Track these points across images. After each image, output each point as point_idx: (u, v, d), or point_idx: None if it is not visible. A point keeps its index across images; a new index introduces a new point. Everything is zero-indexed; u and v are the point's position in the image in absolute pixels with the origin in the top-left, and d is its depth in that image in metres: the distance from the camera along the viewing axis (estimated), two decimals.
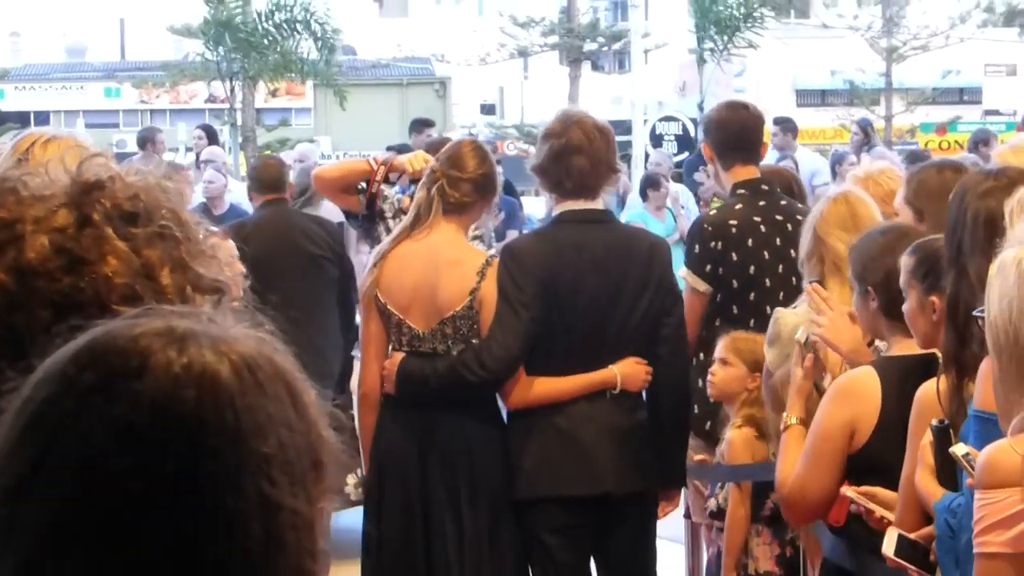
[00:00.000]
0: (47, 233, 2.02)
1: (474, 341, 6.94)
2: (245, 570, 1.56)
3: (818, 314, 5.81)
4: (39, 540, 1.55)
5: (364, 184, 7.85)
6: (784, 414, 5.86)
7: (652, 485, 7.21)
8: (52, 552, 1.55)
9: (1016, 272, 4.04)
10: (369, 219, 7.92)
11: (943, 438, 4.71)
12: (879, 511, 5.11)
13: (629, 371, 7.00)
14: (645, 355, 7.06)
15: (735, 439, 7.05)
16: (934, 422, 4.75)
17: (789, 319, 6.38)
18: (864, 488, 5.17)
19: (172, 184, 2.15)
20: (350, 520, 9.18)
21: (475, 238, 7.80)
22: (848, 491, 5.19)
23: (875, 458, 5.34)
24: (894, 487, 5.06)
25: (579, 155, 7.00)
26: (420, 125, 15.47)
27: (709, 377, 7.34)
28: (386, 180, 7.72)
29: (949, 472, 4.71)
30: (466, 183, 7.11)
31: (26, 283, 1.98)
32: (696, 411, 7.61)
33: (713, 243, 7.78)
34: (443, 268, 6.99)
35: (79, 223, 2.04)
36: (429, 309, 7.01)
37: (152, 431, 1.55)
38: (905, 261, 5.18)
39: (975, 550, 4.13)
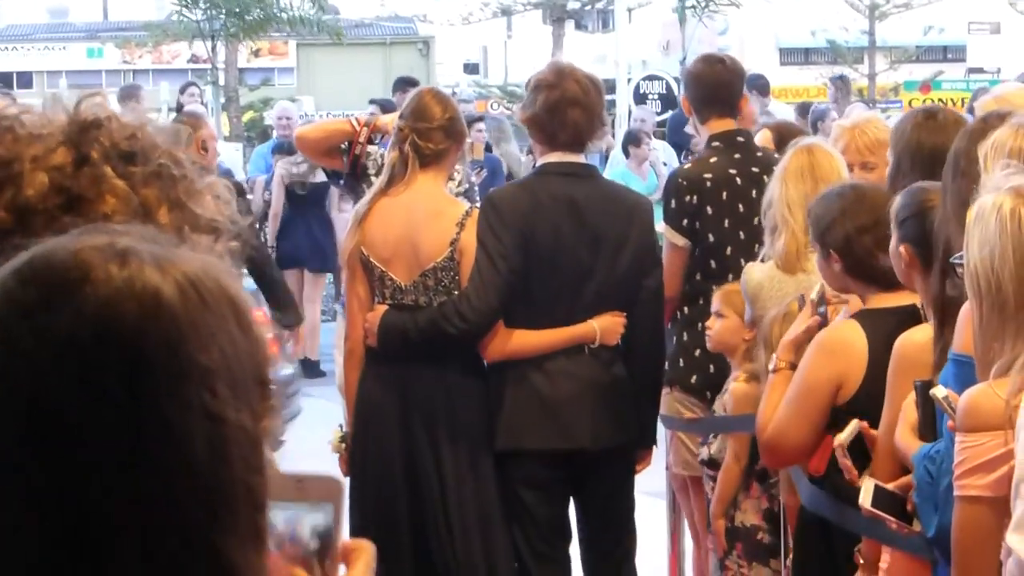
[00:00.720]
0: (46, 171, 2.02)
1: (455, 292, 6.95)
2: (188, 481, 1.57)
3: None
4: None
5: (347, 145, 7.88)
6: (774, 355, 5.89)
7: (629, 440, 7.25)
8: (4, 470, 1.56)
9: (996, 219, 4.04)
10: (353, 177, 7.94)
11: (927, 396, 4.69)
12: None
13: (607, 325, 7.03)
14: (622, 311, 7.10)
15: (736, 392, 7.04)
16: (917, 381, 4.76)
17: (754, 274, 6.41)
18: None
19: (166, 125, 2.16)
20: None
21: (460, 195, 7.83)
22: (838, 447, 5.19)
23: (863, 409, 5.35)
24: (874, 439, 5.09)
25: (575, 107, 7.04)
26: (404, 84, 15.45)
27: (707, 331, 7.33)
28: (369, 141, 7.75)
29: (931, 430, 4.72)
30: (436, 131, 7.17)
31: (25, 221, 1.99)
32: (682, 365, 7.66)
33: (688, 197, 7.80)
34: (424, 220, 7.03)
35: (77, 162, 2.05)
36: (411, 261, 7.03)
37: (92, 343, 1.56)
38: (894, 205, 5.19)
39: (956, 493, 4.15)
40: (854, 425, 5.09)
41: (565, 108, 6.99)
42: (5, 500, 1.55)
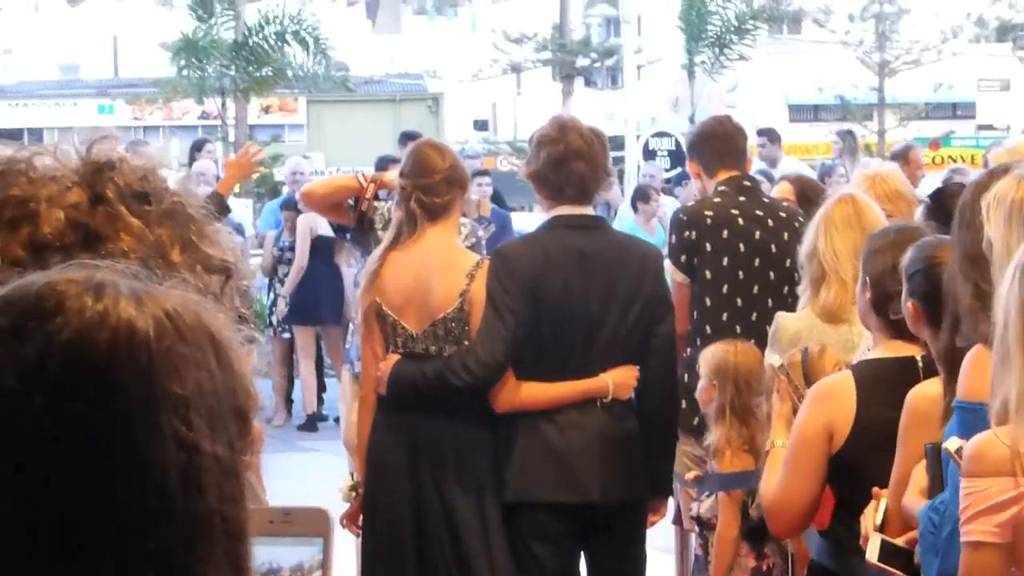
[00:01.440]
0: (62, 209, 2.02)
1: (465, 343, 6.98)
2: (163, 510, 1.56)
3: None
4: None
5: (354, 201, 7.95)
6: (769, 439, 5.90)
7: (639, 495, 7.23)
8: None
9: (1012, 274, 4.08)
10: (360, 231, 7.99)
11: (937, 458, 4.69)
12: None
13: (620, 379, 7.03)
14: (635, 363, 7.08)
15: (721, 457, 7.13)
16: (928, 444, 4.76)
17: (789, 324, 6.41)
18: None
19: (173, 171, 2.17)
20: None
21: (470, 247, 7.86)
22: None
23: (851, 461, 5.36)
24: (869, 489, 5.07)
25: (579, 160, 7.08)
26: (408, 139, 15.56)
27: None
28: (375, 196, 7.78)
29: (941, 491, 4.73)
30: (439, 184, 7.21)
31: (43, 258, 1.97)
32: (684, 407, 7.68)
33: (687, 232, 7.93)
34: (435, 271, 7.08)
35: (92, 200, 2.04)
36: (422, 310, 7.09)
37: (62, 370, 1.56)
38: (904, 259, 5.20)
39: (962, 539, 4.15)
40: (876, 539, 5.07)
41: (569, 161, 7.05)
42: None
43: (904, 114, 44.58)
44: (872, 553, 5.03)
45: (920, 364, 5.19)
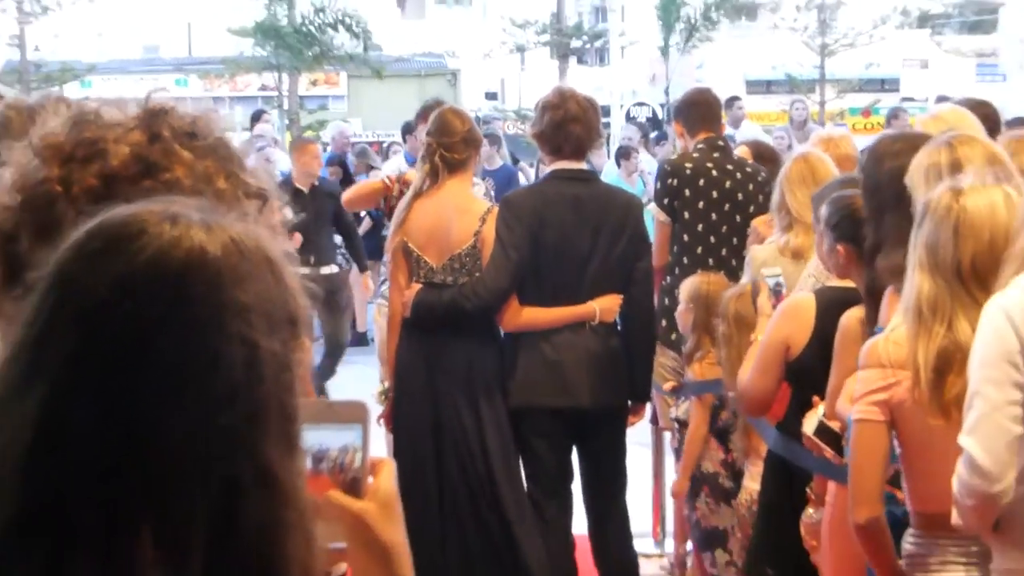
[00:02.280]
0: (127, 145, 2.05)
1: (476, 274, 7.06)
2: (229, 397, 1.58)
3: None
4: (57, 379, 1.57)
5: (383, 199, 8.17)
6: (753, 333, 5.95)
7: (622, 401, 7.30)
8: (67, 388, 1.57)
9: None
10: (387, 215, 8.13)
11: None
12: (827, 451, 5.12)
13: (606, 305, 7.11)
14: (619, 292, 7.12)
15: (695, 369, 7.18)
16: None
17: (759, 254, 6.46)
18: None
19: (219, 117, 2.19)
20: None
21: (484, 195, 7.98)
22: (807, 440, 5.19)
23: (806, 367, 5.38)
24: (819, 389, 5.08)
25: (576, 123, 7.17)
26: (425, 110, 15.16)
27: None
28: (400, 193, 7.84)
29: None
30: (459, 143, 7.31)
31: (112, 186, 2.00)
32: (664, 324, 7.76)
33: (670, 180, 8.09)
34: (454, 215, 7.18)
35: (151, 139, 2.07)
36: (442, 247, 7.18)
37: (145, 282, 1.59)
38: (822, 211, 5.20)
39: (852, 417, 4.20)
40: (815, 418, 5.08)
41: (568, 124, 7.12)
42: (66, 418, 1.55)
43: (841, 88, 44.39)
44: (809, 427, 5.06)
45: (862, 294, 5.20)
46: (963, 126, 5.35)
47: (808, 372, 5.32)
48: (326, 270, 12.49)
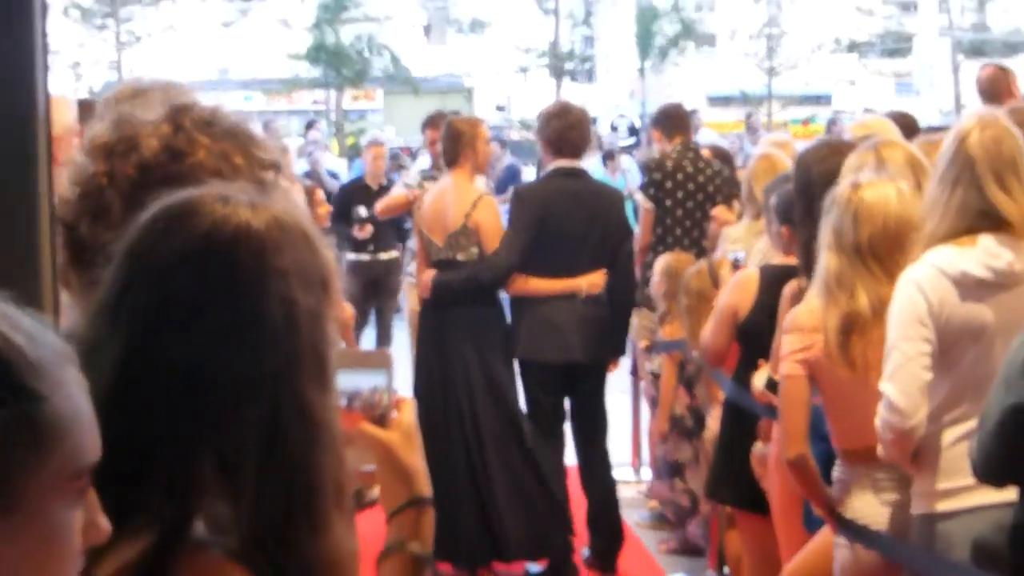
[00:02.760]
0: (156, 138, 2.06)
1: (473, 249, 7.20)
2: (272, 344, 1.62)
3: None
4: (134, 329, 1.61)
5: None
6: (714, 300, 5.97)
7: (606, 356, 7.33)
8: (142, 336, 1.61)
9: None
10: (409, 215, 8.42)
11: None
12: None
13: (592, 281, 7.13)
14: (606, 268, 7.18)
15: (665, 330, 7.20)
16: None
17: (731, 232, 6.47)
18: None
19: (237, 115, 2.21)
20: None
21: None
22: (755, 391, 5.19)
23: (751, 331, 5.39)
24: (762, 347, 5.07)
25: (574, 130, 7.27)
26: (431, 120, 14.10)
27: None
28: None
29: None
30: (457, 140, 7.44)
31: (146, 173, 2.02)
32: (646, 293, 7.84)
33: (655, 174, 8.20)
34: (451, 202, 7.34)
35: (175, 130, 2.08)
36: (443, 228, 7.34)
37: (201, 251, 1.63)
38: (771, 200, 5.23)
39: (780, 373, 4.24)
40: (764, 373, 5.07)
41: (568, 130, 7.17)
42: (141, 361, 1.59)
43: (784, 102, 44.46)
44: (759, 382, 5.05)
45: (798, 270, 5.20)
46: (884, 132, 5.36)
47: (753, 333, 5.34)
48: (385, 256, 12.37)
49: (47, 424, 1.19)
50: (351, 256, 12.19)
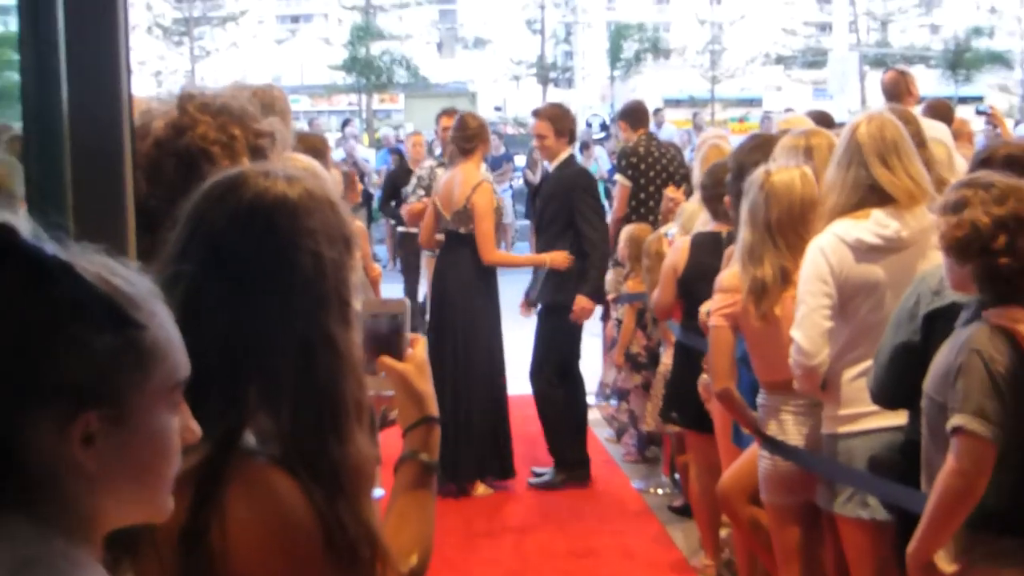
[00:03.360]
0: (164, 121, 2.11)
1: (471, 225, 7.04)
2: (303, 288, 1.63)
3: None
4: (193, 278, 1.62)
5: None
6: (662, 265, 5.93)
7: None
8: (200, 284, 1.62)
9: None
10: None
11: None
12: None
13: (556, 258, 7.10)
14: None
15: (628, 285, 7.17)
16: None
17: (688, 207, 6.32)
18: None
19: (244, 100, 2.22)
20: None
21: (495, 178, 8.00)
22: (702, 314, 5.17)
23: (687, 286, 5.41)
24: (697, 299, 5.05)
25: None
26: (444, 113, 13.25)
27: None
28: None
29: None
30: (470, 135, 7.18)
31: (159, 148, 2.06)
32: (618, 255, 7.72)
33: (632, 158, 8.07)
34: (458, 184, 7.15)
35: (180, 112, 2.14)
36: (450, 205, 7.13)
37: (246, 216, 1.64)
38: (703, 179, 5.24)
39: (710, 324, 4.27)
40: (706, 307, 5.07)
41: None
42: (199, 305, 1.60)
43: (725, 105, 44.37)
44: (702, 311, 5.04)
45: (724, 235, 5.19)
46: (803, 125, 5.32)
47: (688, 285, 5.39)
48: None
49: (148, 347, 1.19)
50: (400, 229, 12.05)
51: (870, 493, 3.90)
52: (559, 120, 7.23)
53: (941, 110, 7.40)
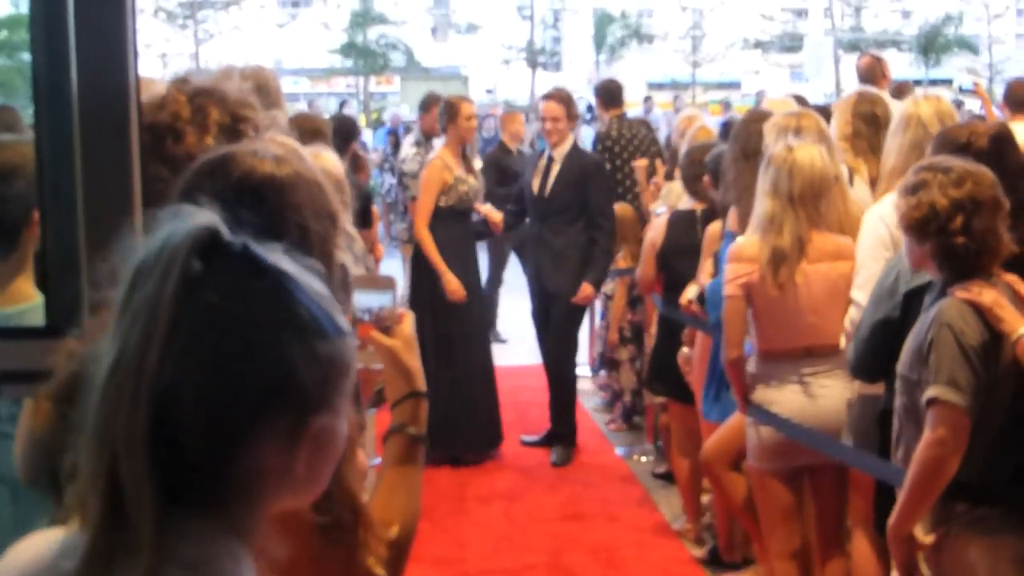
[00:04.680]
0: (153, 102, 2.09)
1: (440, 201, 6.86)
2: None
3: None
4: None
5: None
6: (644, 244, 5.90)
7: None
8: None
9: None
10: None
11: (716, 261, 4.72)
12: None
13: (452, 287, 6.78)
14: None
15: (618, 261, 7.12)
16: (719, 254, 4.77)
17: (674, 188, 6.28)
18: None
19: (241, 86, 2.21)
20: None
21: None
22: (684, 302, 5.13)
23: (665, 261, 5.40)
24: (676, 272, 5.04)
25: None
26: (429, 100, 9.90)
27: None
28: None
29: None
30: (441, 115, 7.03)
31: (154, 126, 2.05)
32: None
33: (607, 141, 7.95)
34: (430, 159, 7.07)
35: (165, 93, 2.11)
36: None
37: (235, 191, 1.62)
38: (682, 160, 5.24)
39: (723, 293, 4.22)
40: (695, 289, 5.04)
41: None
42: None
43: (705, 88, 44.34)
44: (684, 297, 5.02)
45: (699, 213, 5.19)
46: (788, 106, 5.30)
47: (666, 263, 5.38)
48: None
49: (350, 352, 1.18)
50: None
51: (851, 465, 3.88)
52: (570, 103, 7.01)
53: (906, 92, 7.39)
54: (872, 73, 7.25)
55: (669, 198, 6.24)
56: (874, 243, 3.88)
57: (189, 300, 1.07)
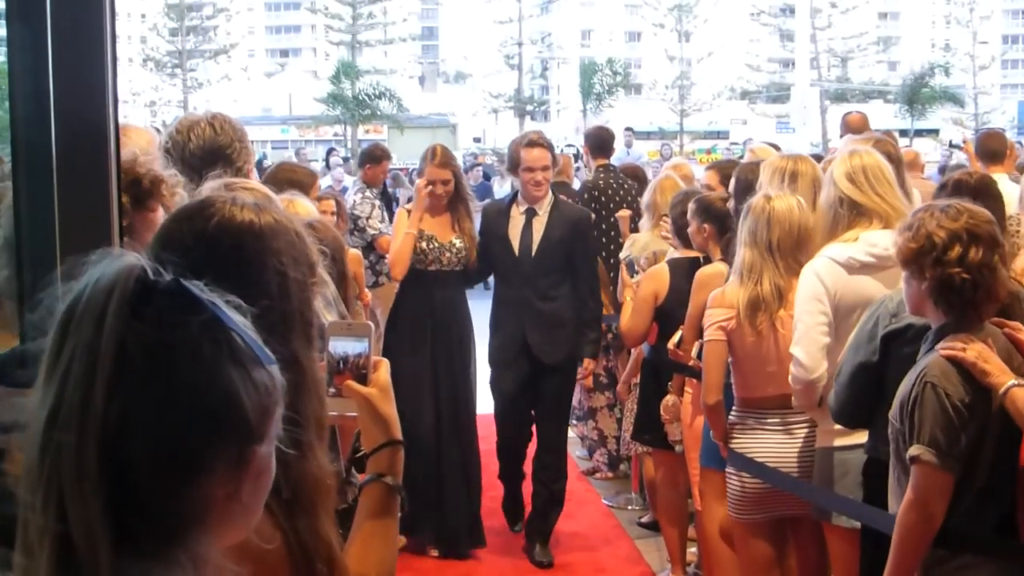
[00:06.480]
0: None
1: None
2: (267, 307, 1.52)
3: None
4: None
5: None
6: (627, 291, 5.84)
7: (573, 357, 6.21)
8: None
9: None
10: None
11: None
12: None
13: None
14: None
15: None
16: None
17: (640, 238, 6.19)
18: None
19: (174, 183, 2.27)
20: None
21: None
22: (671, 348, 5.08)
23: (667, 311, 5.34)
24: (675, 321, 5.03)
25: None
26: (369, 155, 9.69)
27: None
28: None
29: None
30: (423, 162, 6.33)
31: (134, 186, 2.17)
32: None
33: (593, 192, 7.85)
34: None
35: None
36: None
37: (212, 236, 1.62)
38: (691, 207, 5.14)
39: (704, 338, 4.23)
40: (679, 334, 5.03)
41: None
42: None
43: (692, 137, 44.59)
44: (672, 343, 5.00)
45: (701, 260, 5.17)
46: (769, 154, 5.33)
47: (668, 313, 5.29)
48: None
49: (279, 381, 1.19)
50: None
51: (835, 511, 3.88)
52: (553, 150, 6.32)
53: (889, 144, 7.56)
54: (860, 129, 7.39)
55: (634, 248, 6.17)
56: (808, 297, 3.90)
57: (131, 338, 1.07)
